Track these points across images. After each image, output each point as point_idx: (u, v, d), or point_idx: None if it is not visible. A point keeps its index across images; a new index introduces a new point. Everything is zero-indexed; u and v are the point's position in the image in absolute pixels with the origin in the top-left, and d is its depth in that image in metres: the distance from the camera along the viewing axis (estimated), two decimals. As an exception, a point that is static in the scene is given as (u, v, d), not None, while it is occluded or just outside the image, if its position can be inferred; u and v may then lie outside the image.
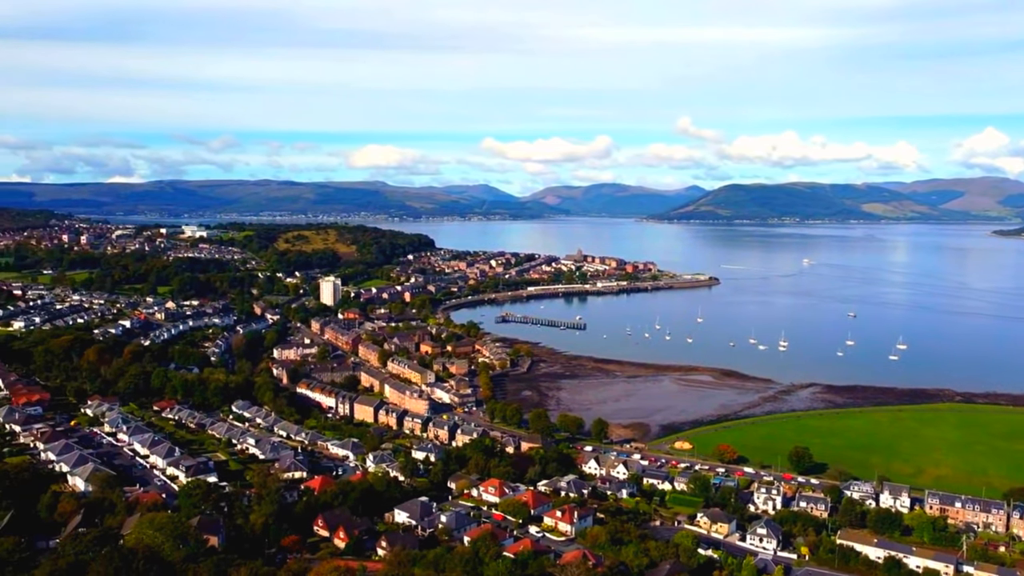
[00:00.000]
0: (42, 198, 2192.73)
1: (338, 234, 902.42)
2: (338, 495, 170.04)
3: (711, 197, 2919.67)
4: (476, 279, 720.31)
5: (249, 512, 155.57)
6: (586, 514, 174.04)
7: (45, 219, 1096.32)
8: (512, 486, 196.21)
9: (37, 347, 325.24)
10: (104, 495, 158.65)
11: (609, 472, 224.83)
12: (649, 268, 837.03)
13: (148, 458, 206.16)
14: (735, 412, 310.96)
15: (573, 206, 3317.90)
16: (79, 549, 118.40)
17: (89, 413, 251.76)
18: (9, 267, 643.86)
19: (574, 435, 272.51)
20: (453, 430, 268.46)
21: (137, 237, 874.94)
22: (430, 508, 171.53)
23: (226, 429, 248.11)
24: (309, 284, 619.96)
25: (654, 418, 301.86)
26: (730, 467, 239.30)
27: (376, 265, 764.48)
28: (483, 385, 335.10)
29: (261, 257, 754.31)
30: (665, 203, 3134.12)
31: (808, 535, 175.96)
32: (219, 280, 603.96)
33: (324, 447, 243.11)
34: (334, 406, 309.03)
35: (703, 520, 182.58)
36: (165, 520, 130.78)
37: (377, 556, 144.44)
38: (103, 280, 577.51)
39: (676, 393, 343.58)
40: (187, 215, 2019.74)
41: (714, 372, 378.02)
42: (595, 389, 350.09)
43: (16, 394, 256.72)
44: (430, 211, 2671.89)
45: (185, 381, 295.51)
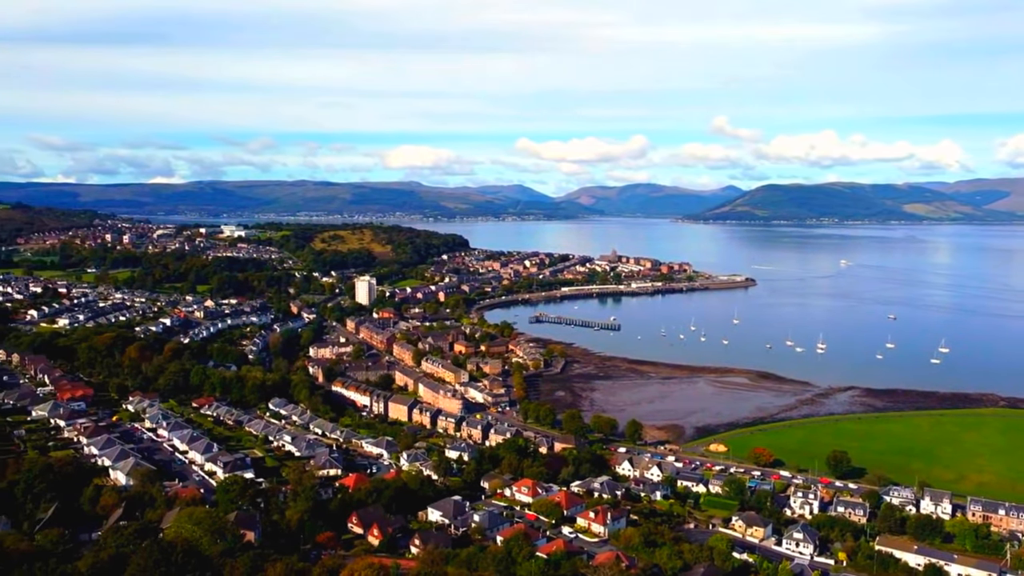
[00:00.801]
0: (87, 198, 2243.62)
1: (373, 234, 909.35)
2: (372, 493, 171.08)
3: (748, 197, 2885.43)
4: (510, 279, 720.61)
5: (285, 508, 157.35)
6: (619, 515, 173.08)
7: (89, 219, 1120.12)
8: (545, 486, 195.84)
9: (81, 344, 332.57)
10: (144, 489, 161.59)
11: (643, 474, 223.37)
12: (684, 269, 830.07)
13: (187, 454, 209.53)
14: (771, 415, 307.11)
15: (608, 206, 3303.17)
16: (120, 542, 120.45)
17: (130, 409, 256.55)
18: (55, 266, 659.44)
19: (608, 436, 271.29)
20: (486, 430, 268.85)
21: (177, 237, 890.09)
22: (463, 507, 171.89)
23: (263, 426, 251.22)
24: (345, 283, 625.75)
25: (689, 420, 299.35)
26: (766, 470, 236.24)
27: (411, 265, 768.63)
28: (517, 385, 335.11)
29: (298, 256, 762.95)
30: (701, 203, 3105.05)
31: (846, 541, 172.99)
32: (257, 279, 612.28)
33: (358, 445, 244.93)
34: (368, 404, 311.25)
35: (738, 523, 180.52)
36: (203, 515, 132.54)
37: (410, 554, 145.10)
38: (144, 279, 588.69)
39: (711, 395, 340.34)
40: (226, 215, 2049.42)
41: (750, 374, 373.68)
42: (629, 390, 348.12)
43: (61, 389, 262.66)
44: (464, 211, 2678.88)
45: (223, 378, 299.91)
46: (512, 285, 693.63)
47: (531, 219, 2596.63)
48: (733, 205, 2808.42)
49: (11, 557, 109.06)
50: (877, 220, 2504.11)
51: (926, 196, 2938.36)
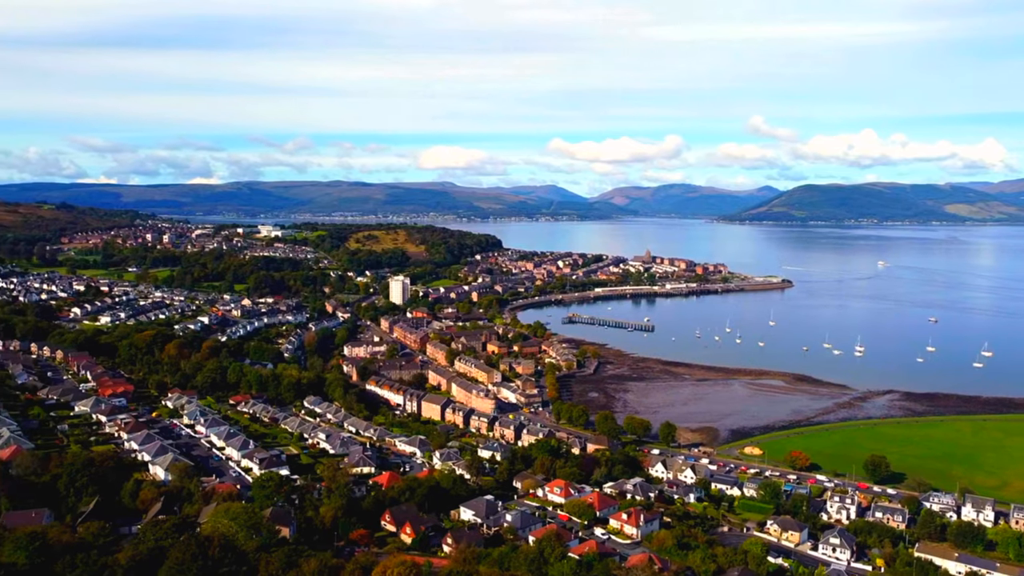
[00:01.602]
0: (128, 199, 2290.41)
1: (407, 234, 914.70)
2: (405, 491, 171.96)
3: (785, 198, 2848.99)
4: (543, 279, 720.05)
5: (319, 505, 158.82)
6: (652, 518, 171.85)
7: (131, 219, 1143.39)
8: (578, 487, 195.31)
9: (122, 341, 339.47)
10: (182, 484, 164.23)
11: (676, 476, 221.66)
12: (720, 270, 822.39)
13: (224, 450, 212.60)
14: (808, 418, 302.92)
15: (642, 207, 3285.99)
16: (159, 535, 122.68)
17: (169, 405, 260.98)
18: (97, 265, 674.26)
19: (641, 438, 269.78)
20: (519, 430, 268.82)
21: (215, 236, 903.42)
22: (495, 507, 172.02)
23: (298, 424, 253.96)
24: (379, 283, 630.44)
25: (723, 422, 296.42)
26: (802, 474, 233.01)
27: (444, 265, 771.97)
28: (549, 386, 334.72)
29: (333, 256, 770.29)
30: (737, 204, 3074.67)
31: (884, 547, 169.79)
32: (293, 278, 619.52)
33: (392, 443, 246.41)
34: (402, 403, 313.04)
35: (773, 527, 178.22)
36: (239, 510, 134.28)
37: (443, 552, 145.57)
38: (183, 278, 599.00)
39: (746, 397, 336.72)
40: (263, 215, 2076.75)
41: (786, 377, 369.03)
42: (663, 392, 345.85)
43: (102, 386, 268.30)
44: (498, 212, 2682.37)
45: (260, 376, 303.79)
46: (545, 285, 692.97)
47: (564, 219, 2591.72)
48: (770, 206, 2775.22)
49: (54, 549, 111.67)
50: (918, 221, 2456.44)
51: (969, 196, 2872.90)
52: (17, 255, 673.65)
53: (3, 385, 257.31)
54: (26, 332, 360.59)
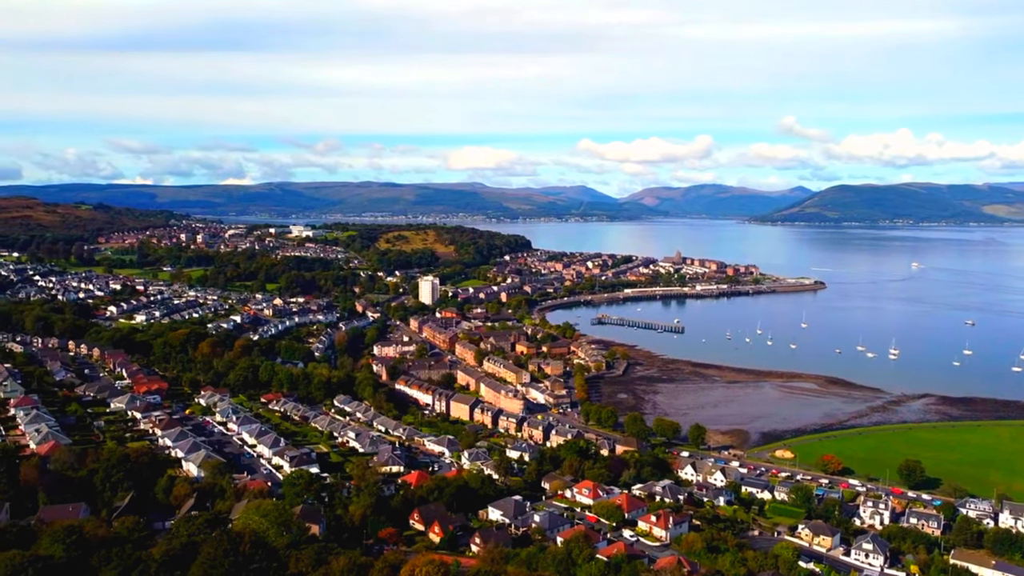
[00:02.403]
0: (163, 199, 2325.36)
1: (437, 234, 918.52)
2: (434, 490, 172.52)
3: (817, 198, 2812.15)
4: (572, 280, 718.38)
5: (348, 503, 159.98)
6: (682, 520, 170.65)
7: (165, 219, 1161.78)
8: (606, 489, 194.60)
9: (157, 339, 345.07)
10: (215, 481, 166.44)
11: (706, 478, 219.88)
12: (751, 271, 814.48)
13: (255, 447, 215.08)
14: (840, 422, 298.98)
15: (672, 207, 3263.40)
16: (191, 531, 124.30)
17: (202, 403, 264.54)
18: (133, 264, 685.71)
19: (670, 440, 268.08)
20: (548, 430, 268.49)
21: (248, 236, 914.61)
22: (524, 507, 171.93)
23: (328, 422, 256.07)
24: (409, 283, 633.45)
25: (754, 425, 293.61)
26: (834, 478, 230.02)
27: (473, 265, 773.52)
28: (578, 387, 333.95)
29: (363, 256, 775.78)
30: (768, 204, 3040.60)
31: (918, 553, 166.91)
32: (323, 278, 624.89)
33: (421, 443, 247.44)
34: (431, 403, 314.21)
35: (805, 532, 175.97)
36: (270, 507, 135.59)
37: (471, 552, 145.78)
38: (216, 277, 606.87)
39: (778, 400, 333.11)
40: (294, 215, 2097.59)
41: (819, 379, 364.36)
42: (693, 394, 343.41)
43: (137, 383, 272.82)
44: (527, 212, 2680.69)
45: (290, 375, 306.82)
46: (574, 286, 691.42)
47: (594, 220, 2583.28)
48: (802, 206, 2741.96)
49: (90, 542, 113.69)
50: (955, 222, 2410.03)
51: (1008, 197, 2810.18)
52: (56, 255, 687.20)
53: (42, 382, 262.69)
54: (64, 330, 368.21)
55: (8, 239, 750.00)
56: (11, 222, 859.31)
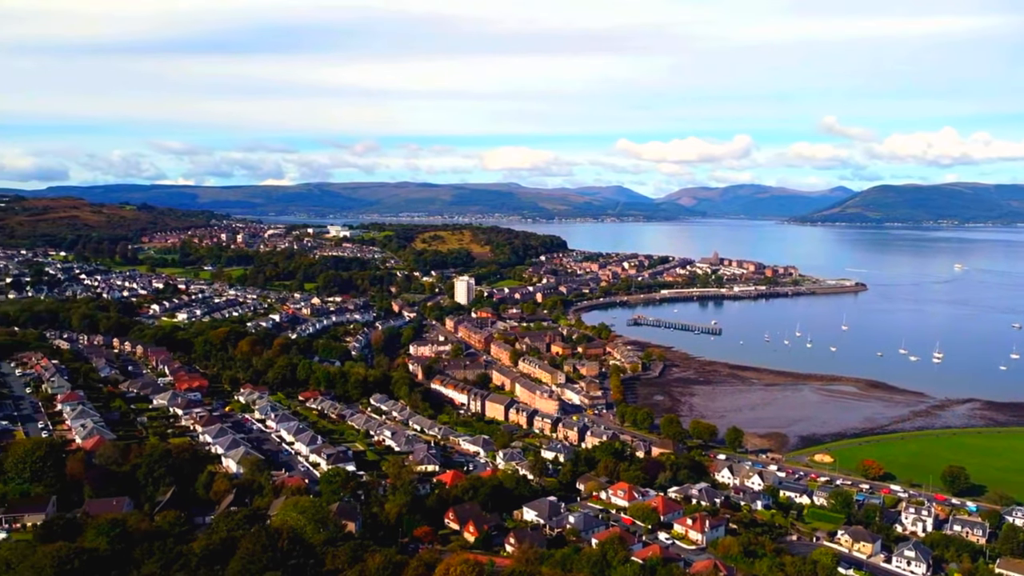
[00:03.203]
0: (204, 199, 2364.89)
1: (473, 235, 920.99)
2: (469, 490, 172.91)
3: (859, 199, 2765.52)
4: (608, 281, 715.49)
5: (384, 502, 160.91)
6: (718, 524, 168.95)
7: (206, 219, 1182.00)
8: (642, 491, 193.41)
9: (198, 337, 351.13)
10: (254, 477, 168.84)
11: (743, 482, 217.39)
12: (790, 272, 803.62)
13: (293, 445, 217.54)
14: (882, 426, 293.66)
15: (710, 208, 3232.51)
16: (231, 526, 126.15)
17: (242, 400, 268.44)
18: (175, 263, 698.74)
19: (707, 442, 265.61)
20: (583, 431, 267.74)
21: (287, 236, 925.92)
22: (558, 508, 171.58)
23: (364, 421, 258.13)
24: (444, 283, 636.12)
25: (793, 428, 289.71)
26: (875, 484, 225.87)
27: (509, 265, 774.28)
28: (614, 388, 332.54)
29: (400, 256, 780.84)
30: (808, 205, 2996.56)
31: (962, 561, 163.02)
32: (360, 278, 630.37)
33: (456, 442, 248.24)
34: (466, 403, 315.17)
35: (844, 538, 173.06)
36: (307, 504, 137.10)
37: (505, 552, 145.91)
38: (256, 276, 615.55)
39: (817, 403, 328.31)
40: (332, 215, 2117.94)
41: (859, 383, 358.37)
42: (730, 396, 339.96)
43: (179, 380, 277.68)
44: (563, 212, 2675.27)
45: (328, 373, 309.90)
46: (610, 287, 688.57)
47: (630, 220, 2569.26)
48: (843, 207, 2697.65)
49: (133, 536, 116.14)
50: (1002, 222, 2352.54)
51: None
52: (101, 254, 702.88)
53: (87, 378, 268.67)
54: (109, 327, 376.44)
55: (56, 239, 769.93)
56: (59, 222, 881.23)
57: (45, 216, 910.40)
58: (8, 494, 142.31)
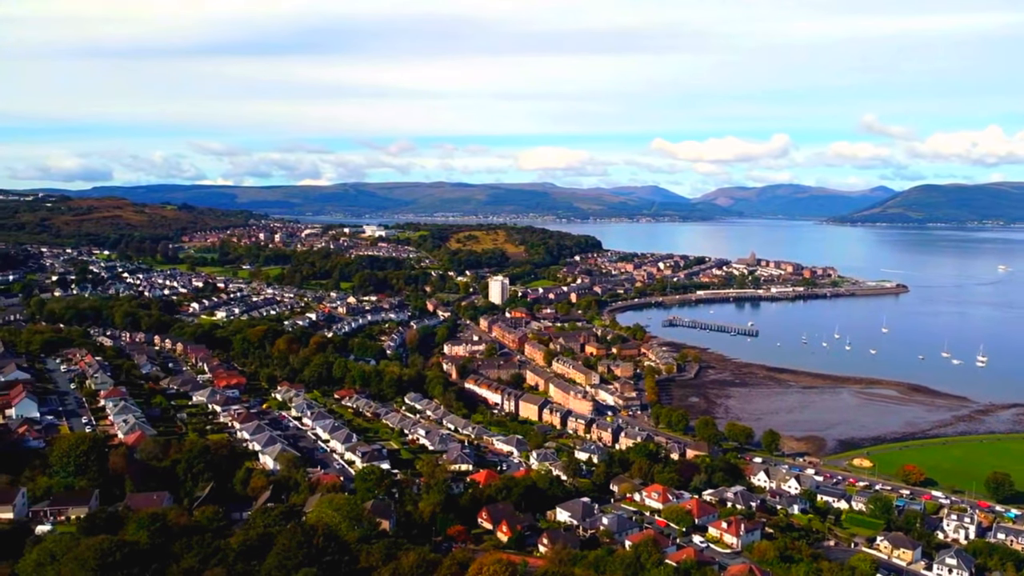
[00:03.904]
0: (243, 199, 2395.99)
1: (507, 234, 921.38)
2: (502, 490, 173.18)
3: (900, 198, 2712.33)
4: (643, 281, 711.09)
5: (418, 500, 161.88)
6: (754, 528, 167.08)
7: (245, 219, 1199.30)
8: (676, 493, 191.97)
9: (236, 336, 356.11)
10: (290, 474, 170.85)
11: (780, 486, 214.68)
12: (829, 273, 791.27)
13: (329, 442, 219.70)
14: (923, 431, 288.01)
15: (747, 208, 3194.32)
16: (267, 522, 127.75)
17: (278, 398, 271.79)
18: (214, 262, 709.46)
19: (743, 445, 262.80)
20: (617, 433, 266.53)
21: (323, 236, 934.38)
22: (592, 509, 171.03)
23: (399, 419, 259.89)
24: (479, 283, 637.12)
25: (830, 432, 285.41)
26: (916, 490, 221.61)
27: (543, 265, 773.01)
28: (648, 389, 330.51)
29: (434, 256, 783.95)
30: (848, 205, 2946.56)
31: (1006, 570, 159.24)
32: (395, 277, 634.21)
33: (489, 442, 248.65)
34: (500, 402, 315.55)
35: (883, 544, 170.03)
36: (342, 501, 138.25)
37: (538, 552, 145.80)
38: (293, 275, 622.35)
39: (856, 407, 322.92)
40: (368, 215, 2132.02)
41: (900, 386, 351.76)
42: (767, 398, 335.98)
43: (218, 378, 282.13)
44: (598, 212, 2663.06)
45: (363, 372, 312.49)
46: (645, 287, 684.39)
47: (666, 220, 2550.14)
48: (884, 207, 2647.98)
49: (173, 530, 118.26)
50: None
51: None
52: (143, 253, 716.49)
53: (129, 374, 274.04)
54: (150, 325, 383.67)
55: (100, 238, 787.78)
56: (103, 222, 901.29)
57: (90, 216, 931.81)
58: (53, 487, 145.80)
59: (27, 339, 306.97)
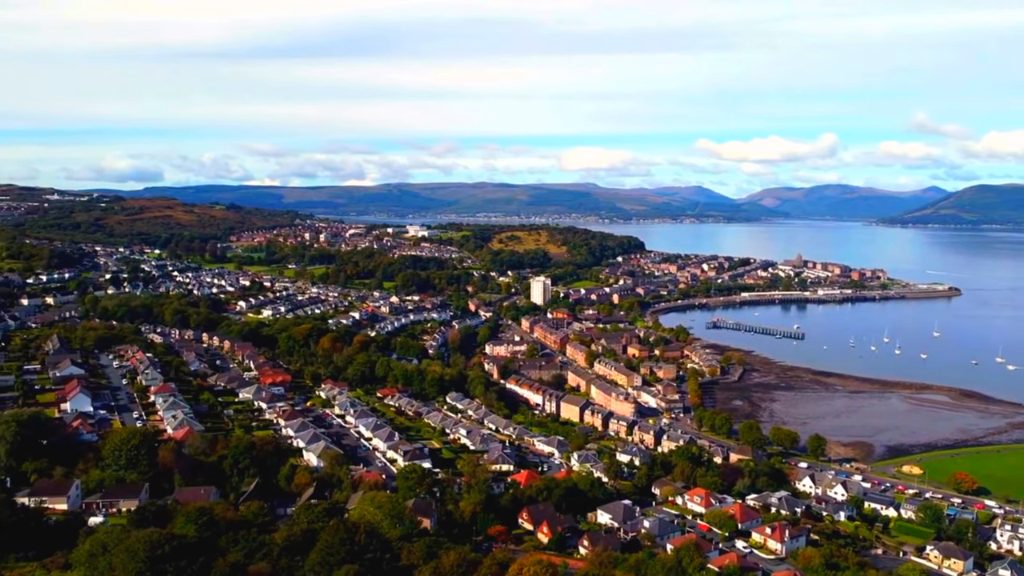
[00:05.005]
0: (289, 200, 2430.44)
1: (549, 235, 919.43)
2: (543, 491, 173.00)
3: (953, 199, 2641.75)
4: (687, 282, 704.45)
5: (459, 499, 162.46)
6: (799, 534, 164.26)
7: (291, 219, 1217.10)
8: (719, 497, 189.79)
9: (281, 334, 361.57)
10: (333, 471, 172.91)
11: (826, 492, 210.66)
12: (878, 276, 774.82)
13: (371, 441, 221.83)
14: (976, 438, 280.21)
15: (793, 208, 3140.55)
16: (311, 518, 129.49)
17: (322, 395, 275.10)
18: (261, 261, 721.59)
19: (787, 450, 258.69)
20: (659, 435, 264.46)
21: (367, 236, 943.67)
22: (633, 512, 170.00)
23: (440, 418, 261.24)
24: (521, 283, 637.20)
25: (879, 438, 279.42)
26: (968, 498, 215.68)
27: (585, 266, 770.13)
28: (691, 391, 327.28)
29: (476, 256, 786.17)
30: (898, 206, 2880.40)
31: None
32: (438, 277, 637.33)
33: (530, 443, 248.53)
34: (541, 403, 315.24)
35: (933, 554, 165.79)
36: (384, 499, 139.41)
37: (579, 554, 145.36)
38: (337, 275, 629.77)
39: (905, 412, 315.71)
40: (411, 215, 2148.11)
41: (952, 392, 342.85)
42: (812, 403, 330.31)
43: (264, 375, 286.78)
44: (641, 213, 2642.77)
45: (405, 371, 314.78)
46: (689, 289, 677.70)
47: (710, 221, 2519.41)
48: (936, 207, 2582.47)
49: (219, 524, 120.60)
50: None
51: None
52: (192, 252, 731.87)
53: (178, 371, 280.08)
54: (199, 323, 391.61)
55: (151, 237, 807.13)
56: (154, 222, 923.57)
57: (141, 216, 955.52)
58: (105, 480, 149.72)
59: (82, 335, 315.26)
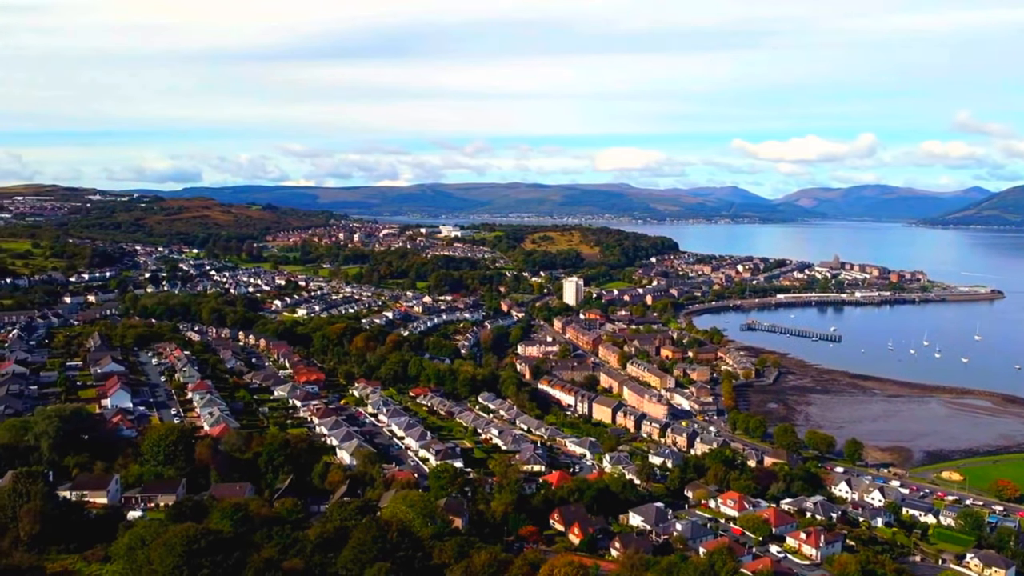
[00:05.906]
0: (324, 200, 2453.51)
1: (582, 235, 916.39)
2: (574, 492, 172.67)
3: (997, 199, 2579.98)
4: (721, 284, 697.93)
5: (491, 499, 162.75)
6: (834, 539, 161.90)
7: (326, 219, 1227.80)
8: (753, 501, 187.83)
9: (316, 333, 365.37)
10: (366, 469, 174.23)
11: (862, 497, 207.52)
12: (918, 278, 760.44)
13: (403, 439, 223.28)
14: (1019, 444, 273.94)
15: (831, 209, 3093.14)
16: (344, 516, 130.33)
17: (356, 394, 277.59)
18: (296, 261, 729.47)
19: (823, 454, 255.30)
20: (692, 438, 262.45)
21: (401, 236, 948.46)
22: (665, 514, 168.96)
23: (472, 418, 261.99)
24: (553, 284, 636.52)
25: (917, 443, 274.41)
26: (1010, 506, 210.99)
27: (619, 267, 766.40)
28: (725, 394, 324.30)
29: (509, 256, 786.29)
30: (939, 206, 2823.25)
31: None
32: (470, 277, 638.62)
33: (562, 444, 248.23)
34: (573, 404, 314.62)
35: (974, 562, 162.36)
36: (416, 498, 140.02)
37: (610, 556, 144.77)
38: (371, 274, 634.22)
39: (945, 417, 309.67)
40: (444, 216, 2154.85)
41: (994, 397, 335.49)
42: (849, 406, 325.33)
43: (298, 373, 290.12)
44: (674, 213, 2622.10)
45: (438, 371, 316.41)
46: (723, 290, 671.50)
47: (745, 222, 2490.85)
48: (978, 208, 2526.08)
49: (254, 520, 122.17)
50: None
51: None
52: (229, 251, 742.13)
53: (215, 369, 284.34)
54: (235, 321, 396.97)
55: (189, 236, 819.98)
56: (192, 221, 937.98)
57: (180, 216, 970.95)
58: (144, 475, 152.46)
59: (122, 333, 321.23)
